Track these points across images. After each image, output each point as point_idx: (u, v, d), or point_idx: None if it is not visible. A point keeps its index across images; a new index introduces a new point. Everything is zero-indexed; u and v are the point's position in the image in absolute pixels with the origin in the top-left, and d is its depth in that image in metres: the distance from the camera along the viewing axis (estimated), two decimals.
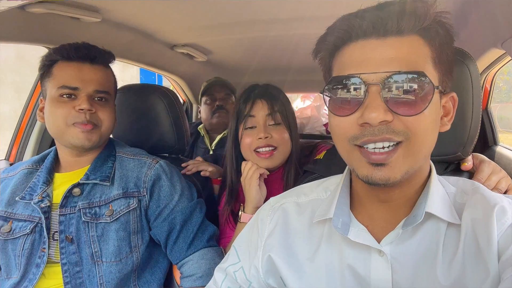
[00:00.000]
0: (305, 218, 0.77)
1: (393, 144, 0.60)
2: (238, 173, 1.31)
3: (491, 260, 0.58)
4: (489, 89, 1.83)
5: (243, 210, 1.24)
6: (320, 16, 1.41)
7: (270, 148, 1.24)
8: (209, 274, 1.10)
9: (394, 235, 0.66)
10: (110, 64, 1.22)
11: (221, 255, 1.19)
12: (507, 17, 1.08)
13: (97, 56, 1.14)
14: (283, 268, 0.74)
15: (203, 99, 2.20)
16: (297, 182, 1.15)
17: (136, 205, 1.14)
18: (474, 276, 0.59)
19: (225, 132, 2.12)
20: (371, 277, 0.66)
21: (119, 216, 1.11)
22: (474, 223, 0.63)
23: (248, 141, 1.25)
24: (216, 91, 2.16)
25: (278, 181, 1.30)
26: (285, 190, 0.87)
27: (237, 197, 1.34)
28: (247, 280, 0.79)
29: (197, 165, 1.46)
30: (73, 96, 1.10)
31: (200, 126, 2.24)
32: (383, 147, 0.60)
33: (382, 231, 0.68)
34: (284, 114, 1.26)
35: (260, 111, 1.25)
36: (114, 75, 1.24)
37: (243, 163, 1.27)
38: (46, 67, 1.14)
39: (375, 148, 0.61)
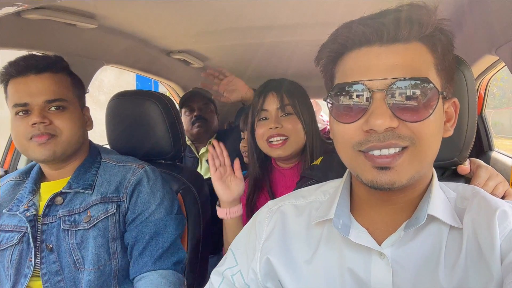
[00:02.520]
0: (303, 220, 0.77)
1: (399, 150, 0.61)
2: (261, 163, 1.38)
3: (494, 263, 0.58)
4: (483, 95, 1.84)
5: (219, 204, 1.28)
6: (316, 23, 1.43)
7: (282, 138, 1.27)
8: None
9: (396, 237, 0.66)
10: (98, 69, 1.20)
11: (182, 284, 1.13)
12: (500, 24, 1.09)
13: (39, 65, 1.08)
14: (281, 270, 0.74)
15: (182, 111, 2.22)
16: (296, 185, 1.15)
17: (115, 210, 1.11)
18: (477, 280, 0.59)
19: (210, 140, 2.18)
20: (371, 280, 0.66)
21: (97, 222, 1.09)
22: (476, 227, 0.63)
23: (261, 131, 1.30)
24: (193, 101, 2.18)
25: (296, 175, 1.32)
26: None
27: (261, 189, 1.39)
28: (245, 284, 0.78)
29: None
30: (29, 112, 1.07)
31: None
32: (389, 152, 0.61)
33: (383, 234, 0.68)
34: (296, 106, 1.29)
35: (271, 104, 1.30)
36: (73, 79, 1.17)
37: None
38: (4, 89, 1.12)
39: (380, 154, 0.61)
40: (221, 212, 1.25)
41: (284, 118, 1.29)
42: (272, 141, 1.28)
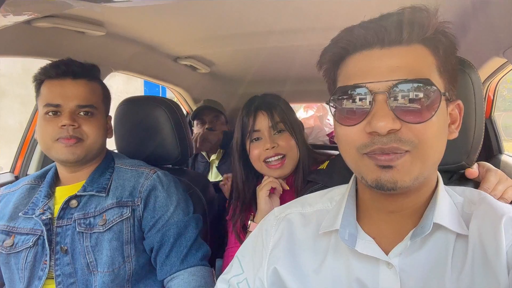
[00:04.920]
0: (310, 229, 0.76)
1: (400, 154, 0.60)
2: (249, 183, 1.34)
3: (500, 272, 0.57)
4: (492, 97, 1.82)
5: (253, 220, 1.25)
6: (319, 27, 1.43)
7: (279, 157, 1.26)
8: None
9: (403, 246, 0.66)
10: (108, 77, 1.24)
11: (212, 275, 1.18)
12: (508, 26, 1.08)
13: (77, 71, 1.15)
14: (289, 280, 0.73)
15: (194, 122, 2.37)
16: (302, 190, 1.15)
17: (129, 214, 1.13)
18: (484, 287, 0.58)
19: (219, 149, 2.29)
20: None
21: (112, 225, 1.11)
22: (482, 234, 0.62)
23: (256, 152, 1.28)
24: (205, 114, 2.31)
25: (289, 188, 1.30)
26: (296, 197, 0.87)
27: (248, 209, 1.35)
28: None
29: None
30: (58, 113, 1.12)
31: None
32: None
33: (390, 243, 0.67)
34: (286, 122, 1.28)
35: (263, 123, 1.27)
36: (103, 88, 1.24)
37: (265, 177, 1.28)
38: (37, 87, 1.17)
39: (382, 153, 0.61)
40: (254, 226, 1.22)
41: (277, 135, 1.27)
42: (269, 162, 1.26)
